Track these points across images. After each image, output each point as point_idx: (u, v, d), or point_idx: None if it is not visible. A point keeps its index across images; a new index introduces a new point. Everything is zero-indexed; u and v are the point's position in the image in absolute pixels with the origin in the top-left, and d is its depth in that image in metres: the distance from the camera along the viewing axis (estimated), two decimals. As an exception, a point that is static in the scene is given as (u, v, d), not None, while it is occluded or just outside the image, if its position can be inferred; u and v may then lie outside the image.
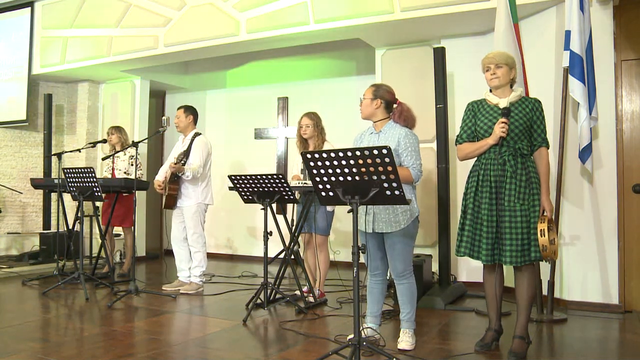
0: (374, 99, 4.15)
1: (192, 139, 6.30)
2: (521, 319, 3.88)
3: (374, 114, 4.16)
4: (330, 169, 3.33)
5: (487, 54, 3.98)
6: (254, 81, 9.42)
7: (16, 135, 9.41)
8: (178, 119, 6.38)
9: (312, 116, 5.75)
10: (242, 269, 7.82)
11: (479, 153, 3.91)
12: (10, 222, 9.25)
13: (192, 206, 6.21)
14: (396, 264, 4.03)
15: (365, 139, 4.17)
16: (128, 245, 7.30)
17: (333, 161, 3.29)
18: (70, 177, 6.07)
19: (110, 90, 9.58)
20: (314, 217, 5.61)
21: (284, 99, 8.95)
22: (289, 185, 5.02)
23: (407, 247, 4.02)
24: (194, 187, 6.22)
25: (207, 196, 6.31)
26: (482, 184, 3.86)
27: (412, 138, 4.00)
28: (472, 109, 4.02)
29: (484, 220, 3.81)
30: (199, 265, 6.26)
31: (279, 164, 8.86)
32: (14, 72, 9.42)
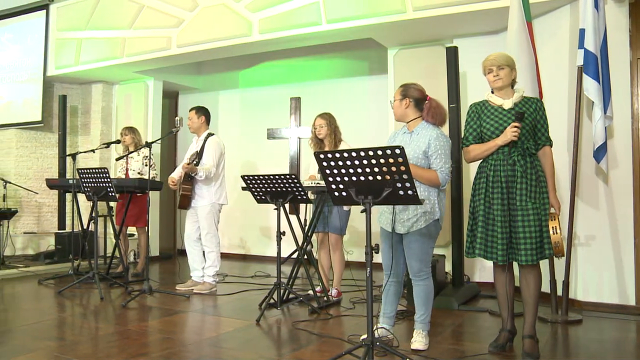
0: (402, 99, 4.12)
1: (205, 140, 6.31)
2: (530, 318, 3.87)
3: (406, 114, 4.13)
4: (343, 168, 3.31)
5: (487, 57, 4.00)
6: (266, 81, 9.42)
7: (32, 136, 9.47)
8: (190, 120, 6.40)
9: (326, 116, 5.73)
10: (255, 269, 7.81)
11: (488, 154, 3.90)
12: (27, 222, 9.32)
13: (205, 206, 6.21)
14: (412, 263, 4.01)
15: (398, 139, 4.13)
16: (142, 245, 7.31)
17: (346, 161, 3.28)
18: (84, 177, 6.09)
19: (123, 91, 9.62)
20: (327, 216, 5.60)
21: (296, 99, 8.93)
22: (302, 185, 5.01)
23: (423, 247, 3.97)
24: (208, 187, 6.22)
25: (221, 196, 6.32)
26: (493, 185, 3.84)
27: (442, 140, 3.94)
28: (476, 110, 4.02)
29: (497, 221, 3.79)
30: (213, 265, 6.26)
31: (291, 164, 8.84)
32: (30, 73, 9.50)
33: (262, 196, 5.21)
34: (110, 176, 5.95)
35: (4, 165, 9.41)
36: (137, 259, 8.08)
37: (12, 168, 9.33)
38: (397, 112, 4.16)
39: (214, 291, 6.23)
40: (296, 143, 8.87)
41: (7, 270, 7.32)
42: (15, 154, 9.37)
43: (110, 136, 9.63)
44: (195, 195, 6.24)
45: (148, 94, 9.33)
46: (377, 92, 8.16)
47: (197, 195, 6.24)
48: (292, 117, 8.95)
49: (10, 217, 7.97)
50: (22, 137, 9.43)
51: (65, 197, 9.04)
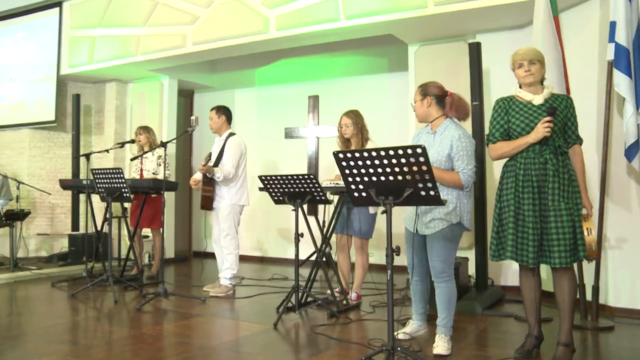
0: (423, 98, 4.16)
1: (226, 140, 6.34)
2: (565, 325, 3.78)
3: (428, 113, 4.16)
4: (363, 169, 3.30)
5: (517, 51, 3.94)
6: (283, 79, 9.43)
7: (45, 136, 9.56)
8: (211, 120, 6.43)
9: (352, 115, 5.71)
10: (273, 272, 7.82)
11: (517, 152, 3.83)
12: (40, 223, 9.40)
13: (226, 207, 6.24)
14: (434, 264, 4.05)
15: (422, 138, 4.18)
16: (157, 247, 7.34)
17: (366, 161, 3.27)
18: (98, 178, 6.13)
19: (138, 90, 9.68)
20: (347, 218, 5.59)
21: (314, 97, 8.92)
22: (320, 185, 5.00)
23: (445, 249, 4.01)
24: (228, 188, 6.25)
25: (242, 197, 6.33)
26: (523, 185, 3.77)
27: (465, 141, 3.94)
28: (503, 106, 3.95)
29: (528, 222, 3.72)
30: (230, 267, 6.27)
31: (309, 163, 8.83)
32: (43, 72, 9.60)
33: (279, 197, 5.21)
34: (125, 176, 5.98)
35: (17, 165, 9.51)
36: (152, 261, 8.11)
37: (25, 168, 9.42)
38: (420, 112, 4.19)
39: (231, 294, 6.25)
40: (314, 142, 8.85)
41: (20, 273, 7.37)
42: (28, 154, 9.47)
43: (125, 136, 9.69)
44: (216, 196, 6.28)
45: (163, 93, 9.38)
46: (397, 89, 8.14)
47: (218, 196, 6.28)
48: (310, 115, 8.94)
49: (23, 218, 8.03)
50: (35, 137, 9.51)
51: (79, 198, 9.10)
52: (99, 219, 7.43)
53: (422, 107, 4.16)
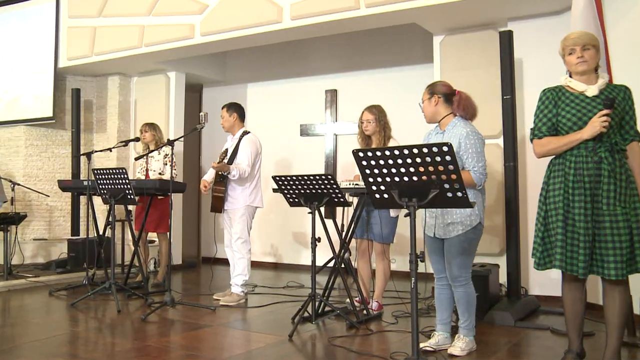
0: (431, 97, 4.35)
1: (240, 138, 6.41)
2: (613, 342, 3.66)
3: (437, 112, 4.34)
4: (384, 168, 3.33)
5: (569, 35, 3.82)
6: (299, 73, 9.47)
7: (42, 134, 9.63)
8: (223, 119, 6.52)
9: (374, 110, 5.75)
10: (288, 279, 7.87)
11: (567, 149, 3.71)
12: (37, 227, 9.45)
13: (239, 209, 6.31)
14: (451, 268, 4.21)
15: (432, 139, 4.33)
16: (163, 252, 7.42)
17: (388, 160, 3.29)
18: (100, 178, 6.20)
19: (142, 84, 9.77)
20: (367, 221, 5.62)
21: (332, 91, 8.97)
22: (339, 186, 5.04)
23: (463, 253, 4.16)
24: (242, 188, 6.32)
25: (256, 198, 6.41)
26: (574, 186, 3.66)
27: (473, 138, 4.07)
28: (551, 97, 3.83)
29: (580, 228, 3.59)
30: (242, 273, 6.33)
31: (327, 163, 8.88)
32: (40, 65, 9.61)
33: (295, 199, 5.25)
34: (129, 177, 6.05)
35: (12, 165, 9.55)
36: (158, 268, 8.16)
37: (21, 169, 9.45)
38: (428, 111, 4.37)
39: (243, 303, 6.30)
40: (332, 140, 8.90)
41: (15, 281, 7.42)
42: (25, 153, 9.51)
43: (129, 133, 9.78)
44: (228, 197, 6.35)
45: (169, 87, 9.45)
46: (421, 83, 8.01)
47: (231, 197, 6.34)
48: (327, 111, 8.99)
49: (18, 222, 8.07)
50: (32, 135, 9.58)
51: (79, 200, 9.18)
52: (101, 223, 7.50)
53: (430, 106, 4.35)
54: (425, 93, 4.41)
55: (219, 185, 6.32)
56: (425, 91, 4.42)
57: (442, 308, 4.42)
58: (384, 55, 8.70)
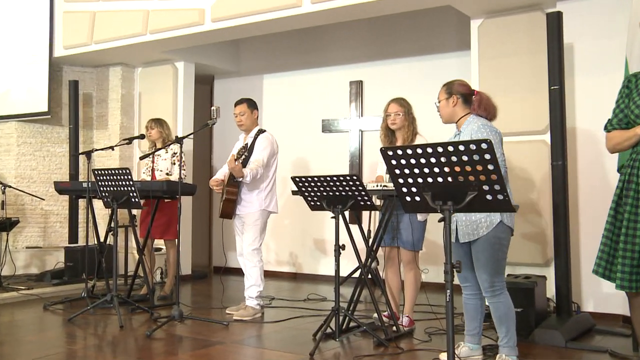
0: (449, 97, 4.47)
1: (255, 137, 6.45)
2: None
3: (454, 112, 4.48)
4: (416, 168, 3.33)
5: None
6: (320, 62, 9.49)
7: (36, 131, 9.71)
8: (242, 115, 6.52)
9: (404, 102, 5.77)
10: (308, 291, 7.89)
11: (629, 145, 3.69)
12: (30, 234, 9.53)
13: (254, 213, 6.35)
14: (482, 276, 4.24)
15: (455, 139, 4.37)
16: (171, 261, 7.48)
17: (420, 158, 3.30)
18: (101, 180, 6.25)
19: (147, 76, 9.86)
20: (396, 227, 5.63)
21: (357, 83, 8.98)
22: (365, 188, 5.06)
23: (493, 257, 4.19)
24: (258, 191, 6.36)
25: (271, 203, 6.45)
26: (627, 186, 3.67)
27: (485, 131, 4.22)
28: (630, 85, 3.77)
29: (620, 235, 3.63)
30: (255, 284, 6.36)
31: (352, 162, 8.89)
32: (33, 54, 9.64)
33: (316, 202, 5.28)
34: (133, 178, 6.08)
35: (2, 165, 9.63)
36: (165, 279, 8.20)
37: (13, 169, 9.52)
38: (445, 112, 4.50)
39: (259, 317, 6.34)
40: (357, 137, 8.90)
41: (5, 294, 7.44)
42: (17, 152, 9.59)
43: (133, 130, 9.87)
44: (242, 201, 6.39)
45: (177, 79, 9.51)
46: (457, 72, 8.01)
47: (245, 200, 6.38)
48: (352, 105, 9.00)
49: (10, 228, 8.13)
50: (25, 132, 9.66)
51: (78, 204, 9.27)
52: (102, 229, 7.55)
53: (448, 106, 4.47)
54: (442, 92, 4.54)
55: (232, 186, 6.33)
56: (442, 90, 4.55)
57: (469, 317, 4.51)
58: (415, 42, 8.68)
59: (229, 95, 10.00)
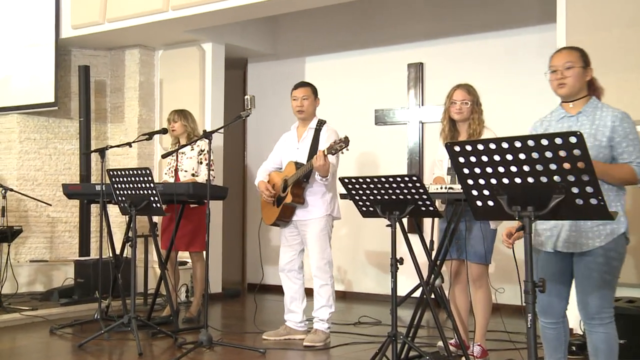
0: (586, 68, 4.21)
1: (317, 128, 6.49)
2: None
3: (582, 88, 4.21)
4: (489, 167, 3.30)
5: None
6: (372, 41, 9.48)
7: (41, 125, 9.84)
8: (305, 100, 6.54)
9: (471, 89, 5.72)
10: (360, 313, 7.87)
11: None
12: (35, 245, 9.65)
13: (319, 220, 6.35)
14: (589, 299, 4.01)
15: (553, 127, 4.19)
16: (198, 277, 7.52)
17: (493, 155, 3.26)
18: (117, 182, 6.30)
19: (170, 60, 9.94)
20: (465, 237, 5.58)
21: (416, 66, 8.93)
22: (427, 190, 5.02)
23: (607, 275, 3.98)
24: (323, 193, 6.36)
25: (335, 207, 6.46)
26: None
27: (629, 122, 4.02)
28: None
29: None
30: (327, 304, 6.36)
31: (410, 160, 8.86)
32: (36, 36, 9.70)
33: (369, 207, 5.25)
34: (154, 180, 6.14)
35: (3, 165, 9.76)
36: (191, 298, 8.25)
37: (15, 170, 9.66)
38: (576, 83, 4.17)
39: (329, 342, 6.35)
40: (417, 130, 8.87)
41: (6, 315, 7.51)
42: (19, 149, 9.71)
43: (153, 123, 9.97)
44: (305, 204, 6.38)
45: (205, 63, 9.57)
46: (537, 51, 8.02)
47: (307, 203, 6.36)
48: (410, 92, 8.97)
49: (11, 238, 8.18)
50: (28, 126, 9.78)
51: (90, 210, 9.39)
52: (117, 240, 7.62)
53: (583, 78, 4.18)
54: (578, 58, 4.20)
55: (299, 188, 6.29)
56: (578, 55, 4.22)
57: (550, 347, 4.27)
58: (487, 15, 8.62)
59: (264, 81, 10.04)
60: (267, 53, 10.26)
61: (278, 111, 9.52)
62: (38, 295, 8.85)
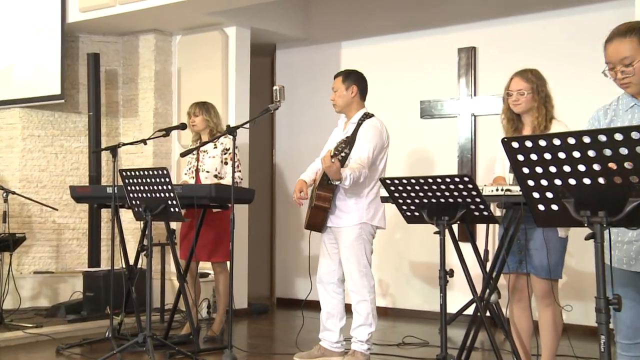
0: None
1: (358, 122, 6.45)
2: None
3: None
4: (553, 165, 3.26)
5: None
6: (418, 23, 9.46)
7: (46, 120, 9.91)
8: (335, 92, 6.54)
9: (530, 76, 5.63)
10: (405, 332, 7.87)
11: None
12: (39, 254, 9.73)
13: (352, 228, 6.31)
14: None
15: (620, 117, 4.10)
16: (221, 291, 7.52)
17: (558, 152, 3.22)
18: (131, 183, 6.33)
19: (189, 46, 9.98)
20: (525, 246, 5.53)
21: (468, 50, 8.90)
22: (481, 193, 4.99)
23: None
24: (358, 197, 6.32)
25: (377, 214, 6.39)
26: None
27: None
28: None
29: None
30: (366, 323, 6.30)
31: (461, 158, 8.83)
32: (40, 21, 9.76)
33: (414, 212, 5.23)
34: (173, 181, 6.15)
35: (4, 165, 9.85)
36: (214, 315, 8.28)
37: (17, 170, 9.74)
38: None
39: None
40: (469, 123, 8.84)
41: (7, 334, 7.55)
42: (22, 147, 9.79)
43: (170, 118, 10.03)
44: (335, 210, 6.35)
45: (228, 50, 9.60)
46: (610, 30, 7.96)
47: (339, 209, 6.34)
48: (461, 81, 8.94)
49: (14, 247, 8.20)
50: (32, 122, 9.86)
51: (101, 215, 9.44)
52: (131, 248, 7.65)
53: None
54: (636, 46, 4.06)
55: (325, 190, 6.26)
56: (636, 42, 4.08)
57: None
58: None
59: (295, 69, 10.06)
60: (298, 37, 10.27)
61: (311, 103, 9.54)
62: (43, 311, 8.92)
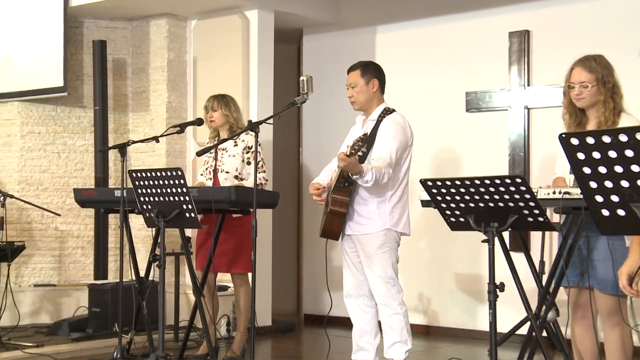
0: None
1: (378, 120, 6.42)
2: None
3: None
4: (618, 165, 3.24)
5: None
6: (462, 5, 9.46)
7: (48, 115, 9.96)
8: (353, 88, 6.50)
9: (594, 65, 5.59)
10: (448, 353, 7.88)
11: None
12: (40, 265, 9.77)
13: (375, 235, 6.28)
14: None
15: None
16: (242, 306, 7.53)
17: (624, 150, 3.21)
18: (141, 186, 6.35)
19: (206, 32, 10.01)
20: (587, 256, 5.50)
21: (521, 34, 8.87)
22: (536, 196, 4.95)
23: None
24: (379, 200, 6.29)
25: (401, 219, 6.36)
26: None
27: None
28: None
29: None
30: (401, 340, 6.26)
31: (513, 156, 8.81)
32: (40, 5, 9.81)
33: (459, 217, 5.21)
34: (188, 183, 6.18)
35: (1, 166, 9.91)
36: (234, 332, 8.30)
37: (15, 171, 9.80)
38: None
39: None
40: (522, 118, 8.82)
41: (5, 354, 7.61)
42: (21, 146, 9.85)
43: (185, 112, 10.07)
44: (354, 215, 6.33)
45: (249, 36, 9.62)
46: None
47: (359, 214, 6.31)
48: (512, 69, 8.92)
49: (12, 257, 8.23)
50: (32, 117, 9.92)
51: (108, 221, 9.49)
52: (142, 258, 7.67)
53: None
54: None
55: (341, 192, 6.21)
56: None
57: None
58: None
59: (324, 58, 10.06)
60: (327, 22, 10.27)
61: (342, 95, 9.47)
62: (44, 329, 8.96)
